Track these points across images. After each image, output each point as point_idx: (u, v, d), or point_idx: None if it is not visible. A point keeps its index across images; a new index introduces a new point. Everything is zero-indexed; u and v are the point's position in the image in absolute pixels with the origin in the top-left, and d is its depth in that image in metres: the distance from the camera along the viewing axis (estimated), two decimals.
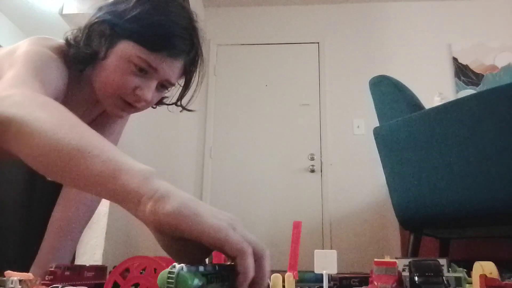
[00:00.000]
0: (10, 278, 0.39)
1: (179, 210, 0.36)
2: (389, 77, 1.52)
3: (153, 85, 0.73)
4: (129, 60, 0.69)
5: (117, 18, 0.70)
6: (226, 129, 3.05)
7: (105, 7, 0.72)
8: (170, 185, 0.40)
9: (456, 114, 1.25)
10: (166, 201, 0.37)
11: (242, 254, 0.35)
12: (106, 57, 0.70)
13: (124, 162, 0.41)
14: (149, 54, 0.69)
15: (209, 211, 0.37)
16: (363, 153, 2.86)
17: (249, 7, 3.36)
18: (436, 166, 1.27)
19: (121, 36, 0.70)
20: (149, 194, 0.38)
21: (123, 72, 0.70)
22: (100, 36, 0.71)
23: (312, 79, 3.13)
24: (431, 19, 3.18)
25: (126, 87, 0.71)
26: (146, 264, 0.42)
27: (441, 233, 1.56)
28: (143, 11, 0.68)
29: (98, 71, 0.72)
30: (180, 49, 0.72)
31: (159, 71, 0.71)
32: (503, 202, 1.11)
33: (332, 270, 0.51)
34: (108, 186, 0.40)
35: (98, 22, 0.71)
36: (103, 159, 0.42)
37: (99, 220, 1.39)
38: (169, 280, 0.30)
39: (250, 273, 0.35)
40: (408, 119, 1.38)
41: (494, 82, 2.91)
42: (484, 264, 0.44)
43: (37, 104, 0.51)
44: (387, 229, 2.69)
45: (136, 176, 0.40)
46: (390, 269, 0.46)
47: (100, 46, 0.70)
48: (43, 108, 0.50)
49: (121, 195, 0.40)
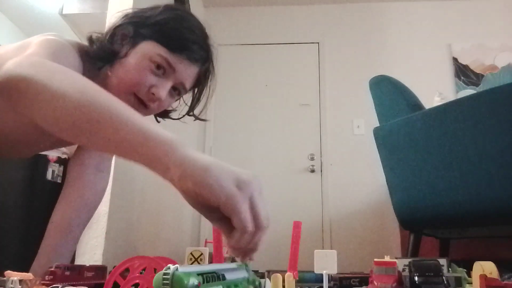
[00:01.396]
0: (10, 278, 0.39)
1: (202, 178, 0.41)
2: (389, 77, 1.53)
3: (168, 85, 0.75)
4: (149, 58, 0.72)
5: (142, 22, 0.75)
6: (226, 129, 3.05)
7: (131, 13, 0.77)
8: (194, 151, 0.44)
9: (456, 114, 1.25)
10: (191, 170, 0.41)
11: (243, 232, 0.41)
12: (127, 56, 0.73)
13: (151, 128, 0.44)
14: (170, 54, 0.73)
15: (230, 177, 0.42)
16: (363, 153, 2.86)
17: (249, 7, 3.36)
18: (436, 166, 1.27)
19: (144, 37, 0.74)
20: (177, 163, 0.42)
21: (142, 69, 0.73)
22: (123, 37, 0.75)
23: (312, 79, 3.13)
24: (431, 19, 3.18)
25: (143, 84, 0.73)
26: (146, 264, 0.42)
27: (441, 233, 1.56)
28: (167, 18, 0.74)
29: (116, 68, 0.75)
30: (198, 56, 0.76)
31: (176, 71, 0.74)
32: (503, 202, 1.11)
33: (332, 270, 0.51)
34: (138, 151, 0.43)
35: (123, 25, 0.75)
36: (132, 124, 0.44)
37: (99, 220, 1.39)
38: (165, 281, 0.30)
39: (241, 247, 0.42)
40: (408, 119, 1.37)
41: (494, 82, 2.91)
42: (484, 264, 0.44)
43: (56, 67, 0.52)
44: (387, 229, 2.69)
45: (165, 143, 0.43)
46: (390, 269, 0.46)
47: (123, 46, 0.74)
48: (64, 71, 0.51)
49: (150, 160, 0.43)
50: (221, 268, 0.36)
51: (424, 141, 1.31)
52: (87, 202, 0.89)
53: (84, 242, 1.38)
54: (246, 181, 0.42)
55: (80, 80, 0.50)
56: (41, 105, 0.48)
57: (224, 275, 0.36)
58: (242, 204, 0.41)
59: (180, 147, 0.43)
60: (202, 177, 0.41)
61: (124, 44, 0.74)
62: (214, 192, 0.40)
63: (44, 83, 0.48)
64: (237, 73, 3.16)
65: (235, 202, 0.40)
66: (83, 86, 0.48)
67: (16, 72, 0.50)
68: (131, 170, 1.63)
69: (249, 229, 0.41)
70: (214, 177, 0.41)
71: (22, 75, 0.49)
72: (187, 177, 0.41)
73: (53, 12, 2.75)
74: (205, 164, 0.42)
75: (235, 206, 0.40)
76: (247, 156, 2.98)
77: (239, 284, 0.38)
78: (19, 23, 3.21)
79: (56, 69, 0.51)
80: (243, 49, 3.24)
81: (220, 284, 0.35)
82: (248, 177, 0.43)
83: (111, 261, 1.36)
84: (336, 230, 2.77)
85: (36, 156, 1.47)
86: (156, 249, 1.94)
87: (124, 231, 1.57)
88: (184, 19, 0.76)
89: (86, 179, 0.89)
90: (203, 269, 0.33)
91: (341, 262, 0.63)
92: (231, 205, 0.40)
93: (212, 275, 0.34)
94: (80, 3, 1.96)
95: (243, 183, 0.42)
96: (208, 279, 0.33)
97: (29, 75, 0.48)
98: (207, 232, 2.80)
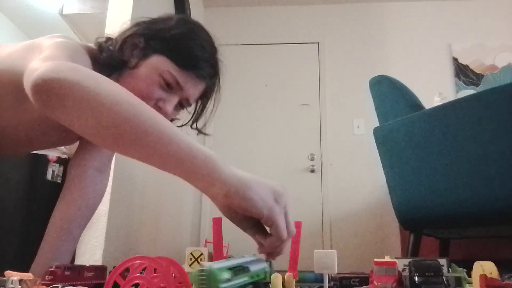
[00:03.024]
0: (10, 278, 0.39)
1: (247, 194, 0.46)
2: (389, 77, 1.52)
3: (175, 101, 0.78)
4: (159, 73, 0.74)
5: (154, 34, 0.75)
6: (226, 129, 3.05)
7: (142, 23, 0.78)
8: (234, 168, 0.48)
9: (456, 114, 1.25)
10: (236, 187, 0.46)
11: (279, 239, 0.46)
12: (137, 67, 0.74)
13: (196, 145, 0.47)
14: (179, 71, 0.75)
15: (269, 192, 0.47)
16: (363, 153, 2.86)
17: (249, 7, 3.36)
18: (436, 166, 1.27)
19: (155, 50, 0.75)
20: (223, 180, 0.46)
21: (151, 82, 0.74)
22: (133, 47, 0.76)
23: (312, 79, 3.13)
24: (431, 19, 3.18)
25: (151, 97, 0.75)
26: (146, 264, 0.42)
27: (441, 233, 1.56)
28: (179, 33, 0.75)
29: (125, 78, 0.75)
30: (206, 73, 0.79)
31: (184, 88, 0.77)
32: (503, 202, 1.11)
33: (332, 270, 0.51)
34: (183, 167, 0.46)
35: (133, 35, 0.76)
36: (179, 140, 0.46)
37: (99, 220, 1.39)
38: (201, 276, 0.33)
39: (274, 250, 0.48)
40: (408, 119, 1.37)
41: (494, 82, 2.91)
42: (484, 264, 0.44)
43: (99, 76, 0.51)
44: (387, 229, 2.69)
45: (210, 161, 0.46)
46: (390, 269, 0.46)
47: (132, 56, 0.75)
48: (108, 81, 0.50)
49: (195, 176, 0.46)
50: (246, 261, 0.40)
51: (424, 141, 1.31)
52: (88, 202, 0.89)
53: (84, 242, 1.38)
54: (280, 193, 0.48)
55: (125, 91, 0.50)
56: (84, 113, 0.47)
57: (249, 268, 0.39)
58: (280, 216, 0.47)
59: (223, 165, 0.47)
60: (247, 194, 0.46)
61: (134, 54, 0.75)
62: (257, 206, 0.46)
63: (91, 91, 0.47)
64: (237, 73, 3.16)
65: (275, 215, 0.46)
66: (130, 97, 0.48)
67: (58, 76, 0.48)
68: (131, 170, 1.63)
69: (285, 238, 0.47)
70: (257, 193, 0.46)
71: (65, 80, 0.47)
72: (233, 193, 0.46)
73: (53, 12, 2.75)
74: (247, 180, 0.47)
75: (275, 219, 0.46)
76: (247, 156, 2.98)
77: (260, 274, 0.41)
78: (19, 23, 3.21)
79: (100, 77, 0.50)
80: (243, 49, 3.24)
81: (246, 276, 0.38)
82: (282, 189, 0.49)
83: (111, 261, 1.36)
84: (336, 230, 2.77)
85: (36, 156, 1.47)
86: (156, 249, 1.94)
87: (124, 231, 1.57)
88: (195, 35, 0.77)
89: (87, 179, 0.89)
90: (231, 264, 0.37)
91: (341, 262, 0.62)
92: (272, 217, 0.46)
93: (239, 268, 0.38)
94: (80, 3, 1.95)
95: (279, 195, 0.48)
96: (236, 273, 0.37)
97: (73, 80, 0.47)
98: (207, 232, 2.80)
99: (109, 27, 1.62)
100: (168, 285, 0.40)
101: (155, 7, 1.90)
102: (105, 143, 0.48)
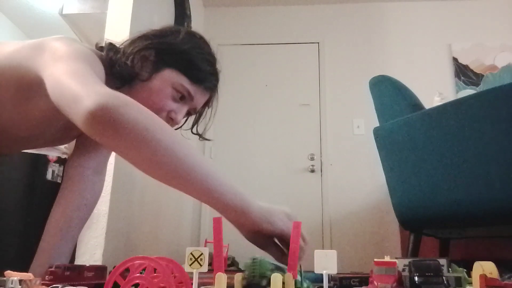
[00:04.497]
0: (10, 278, 0.39)
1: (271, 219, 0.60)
2: (389, 77, 1.52)
3: (184, 110, 0.83)
4: (172, 86, 0.79)
5: (165, 48, 0.79)
6: (226, 129, 3.05)
7: (151, 36, 0.80)
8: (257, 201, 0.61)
9: (456, 114, 1.24)
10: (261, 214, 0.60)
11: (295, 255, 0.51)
12: (150, 80, 0.77)
13: (228, 181, 0.59)
14: (191, 85, 0.80)
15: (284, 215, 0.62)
16: (363, 153, 2.86)
17: (249, 7, 3.36)
18: (436, 166, 1.27)
19: (167, 64, 0.78)
20: (253, 211, 0.59)
21: (164, 95, 0.79)
22: (144, 60, 0.78)
23: (312, 79, 3.13)
24: (431, 19, 3.18)
25: (164, 109, 0.79)
26: (146, 264, 0.42)
27: (441, 233, 1.56)
28: (189, 48, 0.80)
29: (137, 90, 0.77)
30: (213, 85, 0.85)
31: (194, 100, 0.82)
32: (503, 202, 1.11)
33: (332, 270, 0.51)
34: (218, 199, 0.58)
35: (144, 48, 0.78)
36: (215, 178, 0.58)
37: (99, 220, 1.39)
38: (254, 265, 0.41)
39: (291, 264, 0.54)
40: (408, 119, 1.37)
41: (494, 82, 2.91)
42: (484, 264, 0.44)
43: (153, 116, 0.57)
44: (387, 229, 2.69)
45: (239, 195, 0.59)
46: (390, 269, 0.46)
47: (144, 69, 0.77)
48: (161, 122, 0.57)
49: (226, 208, 0.58)
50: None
51: (424, 141, 1.31)
52: (86, 202, 0.89)
53: (84, 242, 1.38)
54: (293, 215, 0.63)
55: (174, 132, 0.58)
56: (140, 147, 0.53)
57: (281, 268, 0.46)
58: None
59: (249, 198, 0.60)
60: (271, 219, 0.60)
61: (144, 66, 0.77)
62: (279, 226, 0.60)
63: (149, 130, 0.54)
64: (237, 73, 3.16)
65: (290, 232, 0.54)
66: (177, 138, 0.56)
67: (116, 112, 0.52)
68: (131, 170, 1.63)
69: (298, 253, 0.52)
70: (277, 217, 0.61)
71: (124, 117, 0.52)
72: (261, 220, 0.59)
73: (53, 12, 2.75)
74: (269, 209, 0.61)
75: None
76: (247, 156, 2.98)
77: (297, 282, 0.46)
78: (19, 23, 3.21)
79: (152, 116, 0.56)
80: (243, 49, 3.24)
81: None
82: (292, 212, 0.63)
83: (111, 261, 1.36)
84: (336, 230, 2.77)
85: (36, 156, 1.47)
86: (156, 249, 1.94)
87: (124, 231, 1.57)
88: (201, 49, 0.82)
89: (86, 180, 0.90)
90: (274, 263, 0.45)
91: (341, 262, 0.62)
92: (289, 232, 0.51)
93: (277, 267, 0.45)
94: (80, 3, 1.95)
95: (292, 217, 0.62)
96: (278, 268, 0.44)
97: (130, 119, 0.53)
98: (207, 232, 2.80)
99: (109, 27, 1.62)
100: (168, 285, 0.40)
101: (155, 7, 1.90)
102: (158, 177, 0.56)
